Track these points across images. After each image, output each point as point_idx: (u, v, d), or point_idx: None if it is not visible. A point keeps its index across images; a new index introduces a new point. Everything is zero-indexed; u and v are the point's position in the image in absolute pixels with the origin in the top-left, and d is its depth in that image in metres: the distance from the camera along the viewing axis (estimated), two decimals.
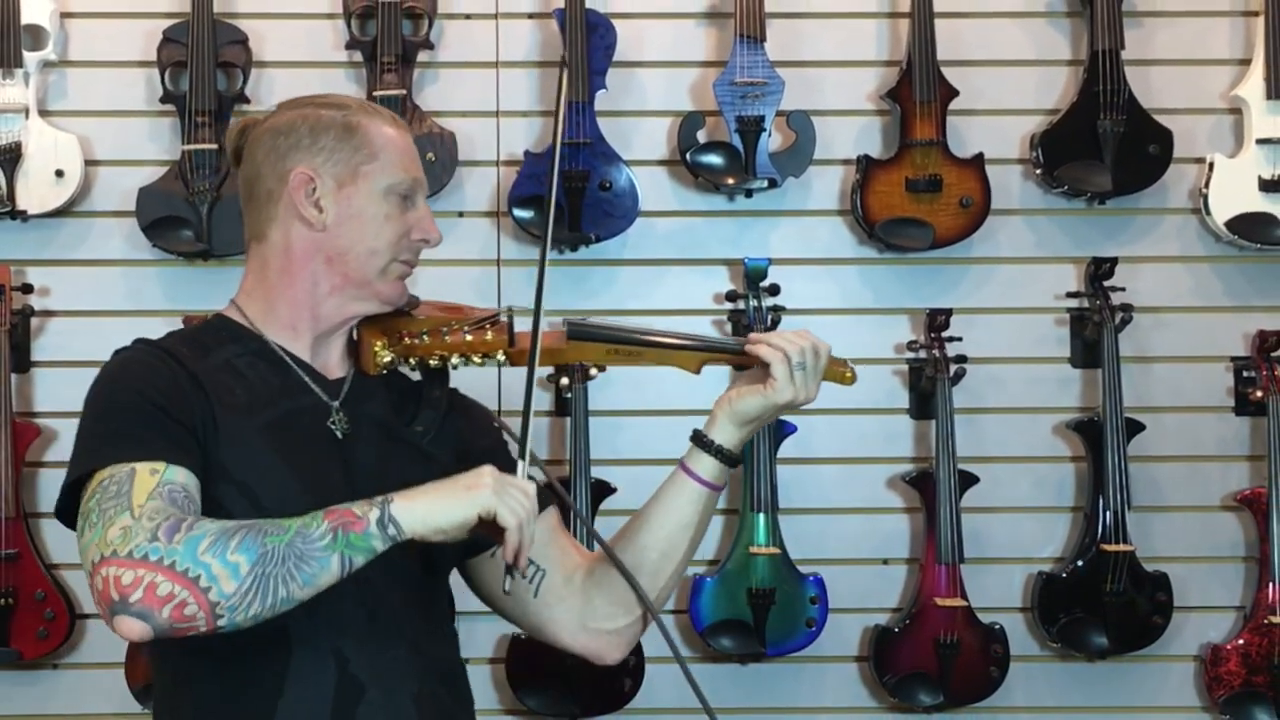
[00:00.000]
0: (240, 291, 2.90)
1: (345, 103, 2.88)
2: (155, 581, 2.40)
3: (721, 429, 2.90)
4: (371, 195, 2.80)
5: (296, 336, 2.83)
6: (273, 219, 2.83)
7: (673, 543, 2.93)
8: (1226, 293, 5.12)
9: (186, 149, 4.86)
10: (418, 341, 2.82)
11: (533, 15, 5.09)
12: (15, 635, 4.77)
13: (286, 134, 2.82)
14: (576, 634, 2.98)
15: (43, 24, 4.93)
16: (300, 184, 2.79)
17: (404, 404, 2.90)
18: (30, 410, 4.94)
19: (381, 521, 2.47)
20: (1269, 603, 4.89)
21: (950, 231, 4.97)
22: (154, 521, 2.45)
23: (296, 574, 2.44)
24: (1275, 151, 4.99)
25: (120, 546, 2.44)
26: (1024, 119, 5.11)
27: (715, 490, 2.93)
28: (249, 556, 2.42)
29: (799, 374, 2.83)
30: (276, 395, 2.77)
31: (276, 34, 5.06)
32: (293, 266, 2.82)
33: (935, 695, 4.89)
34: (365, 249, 2.79)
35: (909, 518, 5.06)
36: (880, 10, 5.14)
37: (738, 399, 2.88)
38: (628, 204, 4.92)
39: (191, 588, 2.40)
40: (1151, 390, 5.07)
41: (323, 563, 2.45)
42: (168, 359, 2.74)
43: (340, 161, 2.80)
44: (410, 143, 2.89)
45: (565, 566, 2.96)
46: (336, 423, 2.80)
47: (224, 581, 2.41)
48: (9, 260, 4.92)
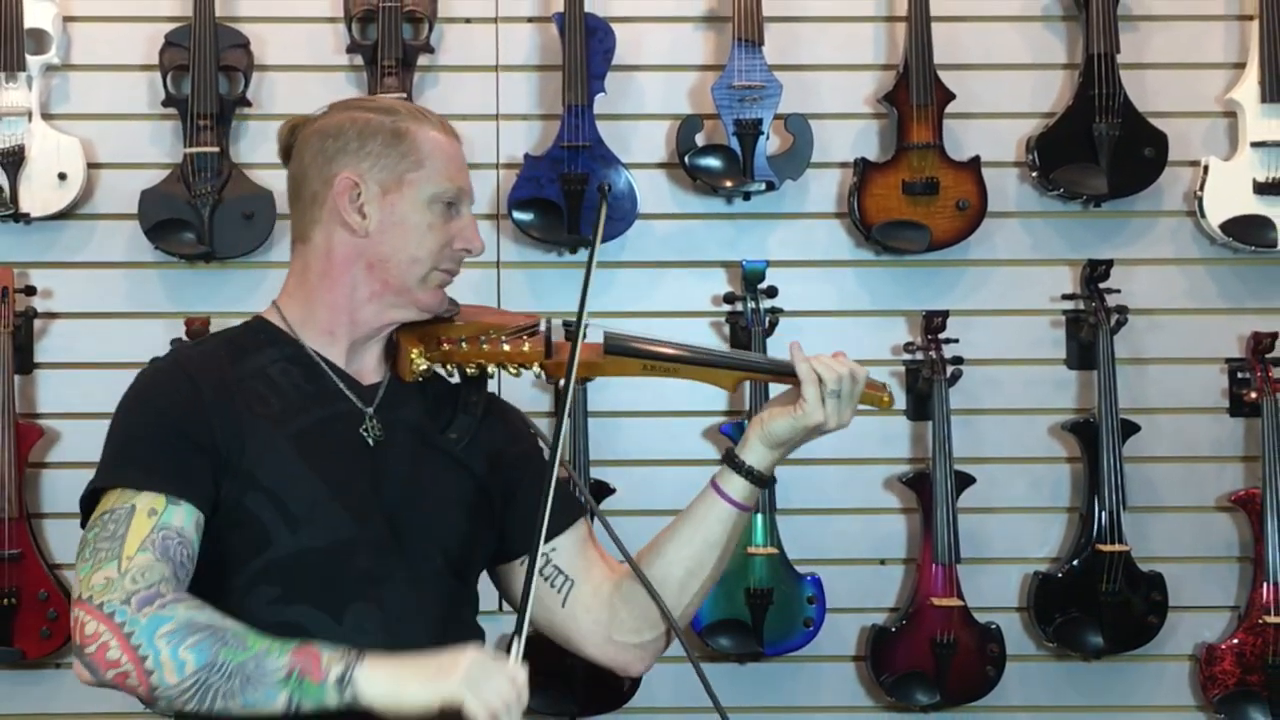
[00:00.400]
0: (282, 293, 2.90)
1: (395, 107, 2.87)
2: (109, 644, 2.47)
3: (753, 450, 2.89)
4: (416, 203, 2.79)
5: (333, 341, 2.83)
6: (316, 221, 2.83)
7: (700, 560, 2.92)
8: (1221, 295, 5.12)
9: (188, 152, 4.87)
10: (456, 348, 2.81)
11: (532, 19, 5.10)
12: (18, 635, 4.78)
13: (335, 136, 2.82)
14: (603, 646, 2.98)
15: (45, 28, 4.93)
16: (345, 189, 2.79)
17: (440, 409, 2.89)
18: (33, 411, 4.95)
19: (341, 681, 2.44)
20: (1263, 603, 4.90)
21: (947, 234, 4.98)
22: (135, 586, 2.50)
23: (239, 694, 2.44)
24: (1269, 154, 5.00)
25: (97, 595, 2.51)
26: (1020, 122, 5.12)
27: (745, 510, 2.92)
28: (197, 659, 2.45)
29: (831, 400, 2.81)
30: (309, 403, 2.78)
31: (278, 38, 5.07)
32: (333, 271, 2.82)
33: (932, 694, 4.89)
34: (407, 257, 2.79)
35: (906, 518, 5.06)
36: (877, 14, 5.14)
37: (769, 420, 2.87)
38: (626, 206, 4.92)
39: (137, 666, 2.46)
40: (1146, 392, 5.08)
41: (269, 694, 2.45)
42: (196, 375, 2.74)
43: (386, 168, 2.79)
44: (459, 150, 2.88)
45: (593, 578, 2.96)
46: (369, 430, 2.80)
47: (167, 672, 2.45)
48: (12, 263, 4.92)
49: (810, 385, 2.80)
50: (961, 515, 4.89)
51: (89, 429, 4.87)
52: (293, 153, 2.89)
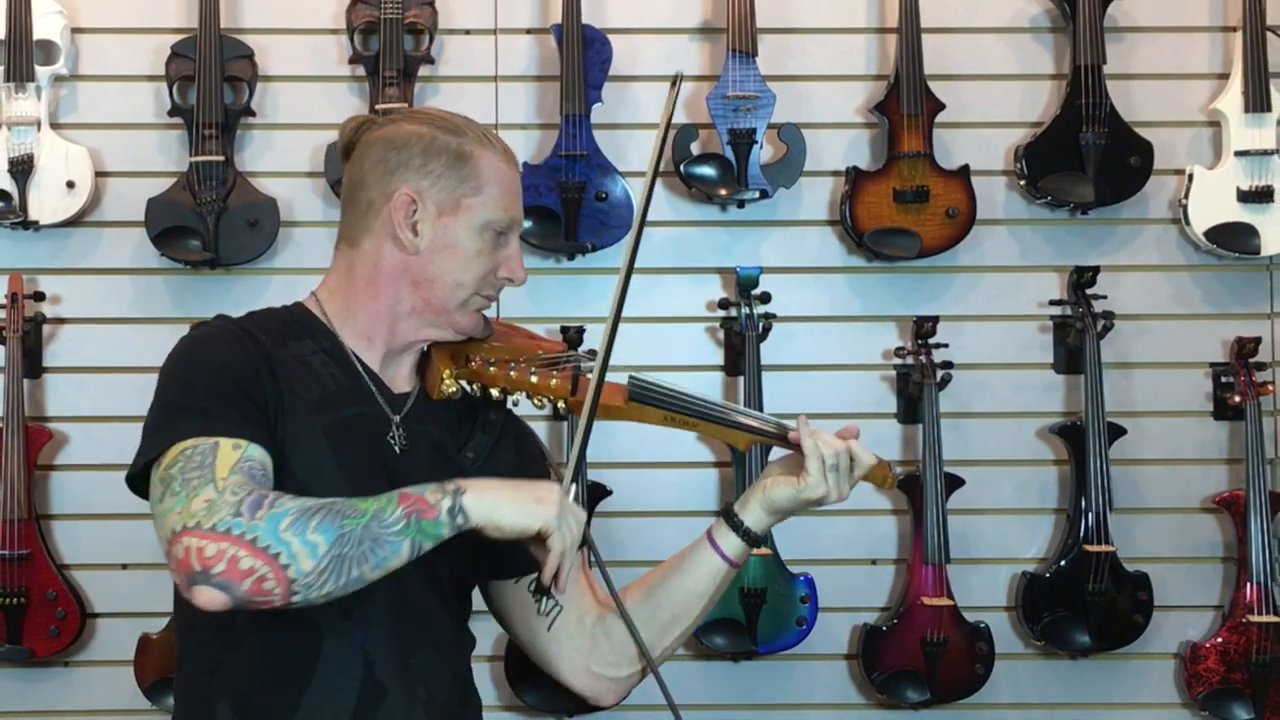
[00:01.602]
0: (322, 286, 2.90)
1: (463, 128, 2.84)
2: (238, 556, 2.43)
3: (752, 512, 2.92)
4: (469, 228, 2.78)
5: (370, 346, 2.83)
6: (368, 229, 2.82)
7: (686, 608, 2.95)
8: (1205, 301, 5.13)
9: (194, 161, 4.88)
10: (484, 369, 2.81)
11: (530, 31, 5.11)
12: (27, 634, 4.79)
13: (400, 149, 2.80)
14: (580, 674, 2.99)
15: (54, 39, 4.94)
16: (402, 205, 2.77)
17: (461, 424, 2.88)
18: (42, 415, 4.96)
19: (453, 510, 2.50)
20: (1246, 602, 4.91)
21: (937, 241, 4.98)
22: (237, 496, 2.48)
23: (370, 556, 2.47)
24: (1253, 163, 5.00)
25: (204, 519, 2.46)
26: (1008, 131, 5.13)
27: (735, 567, 2.94)
28: (327, 537, 2.45)
29: (831, 475, 2.84)
30: (345, 398, 2.78)
31: (281, 49, 5.07)
32: (379, 280, 2.81)
33: (922, 692, 4.90)
34: (452, 280, 2.78)
35: (897, 519, 5.07)
36: (869, 26, 5.15)
37: (772, 487, 2.90)
38: (623, 214, 4.93)
39: (272, 564, 2.43)
40: (1132, 395, 5.09)
41: (395, 547, 2.49)
42: (247, 340, 2.74)
43: (446, 189, 2.78)
44: (517, 180, 2.88)
45: (580, 606, 2.97)
46: (395, 438, 2.80)
47: (303, 560, 2.44)
48: (21, 269, 4.93)
49: (814, 460, 2.83)
50: (951, 516, 4.90)
51: (97, 432, 4.92)
52: (353, 154, 2.87)
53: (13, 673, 4.91)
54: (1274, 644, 4.88)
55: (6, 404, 4.80)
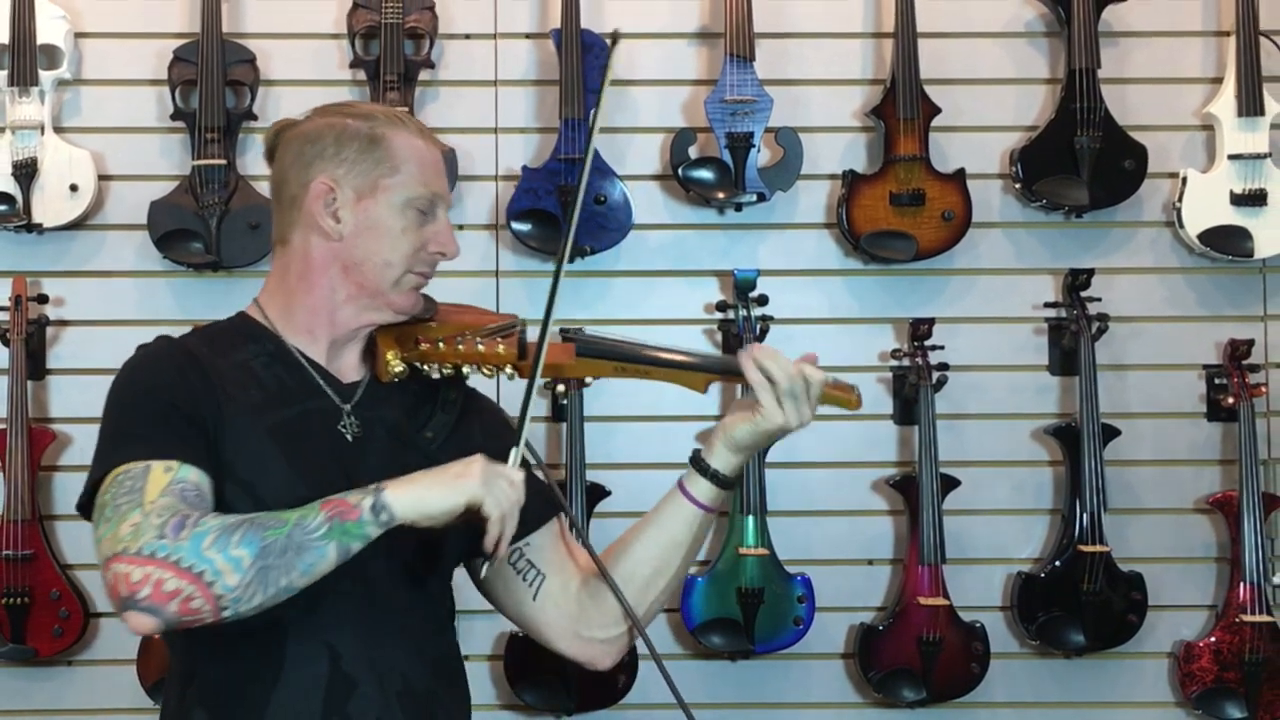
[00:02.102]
0: (263, 291, 2.89)
1: (374, 113, 2.85)
2: (162, 579, 2.43)
3: (718, 454, 2.87)
4: (390, 208, 2.78)
5: (314, 340, 2.82)
6: (295, 224, 2.82)
7: (665, 560, 2.91)
8: (1199, 303, 5.14)
9: (196, 164, 4.89)
10: (433, 348, 2.81)
11: (530, 35, 5.12)
12: (31, 633, 4.80)
13: (314, 141, 2.81)
14: (570, 640, 2.96)
15: (58, 44, 4.95)
16: (320, 194, 2.78)
17: (420, 405, 2.87)
18: (46, 416, 4.96)
19: (375, 508, 2.49)
20: (1240, 602, 4.92)
21: (933, 244, 4.99)
22: (162, 519, 2.48)
23: (296, 564, 2.47)
24: (1246, 167, 5.01)
25: (130, 543, 2.46)
26: (1004, 135, 5.13)
27: (709, 512, 2.91)
28: (250, 550, 2.44)
29: (788, 401, 2.80)
30: (290, 397, 2.77)
31: (283, 53, 5.08)
32: (311, 273, 2.81)
33: (918, 691, 4.90)
34: (380, 260, 2.78)
35: (893, 520, 5.08)
36: (865, 30, 5.16)
37: (731, 425, 2.86)
38: (622, 217, 4.94)
39: (197, 582, 2.43)
40: (1127, 397, 5.09)
41: (320, 552, 2.48)
42: (182, 358, 2.75)
43: (361, 173, 2.78)
44: (437, 155, 2.86)
45: (564, 573, 2.95)
46: (347, 426, 2.79)
47: (227, 576, 2.44)
48: (25, 272, 4.93)
49: (764, 390, 2.79)
50: (947, 517, 4.91)
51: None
52: (275, 155, 2.88)
53: (16, 672, 4.92)
54: (1267, 643, 4.89)
55: (10, 405, 4.80)
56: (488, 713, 4.98)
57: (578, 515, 4.81)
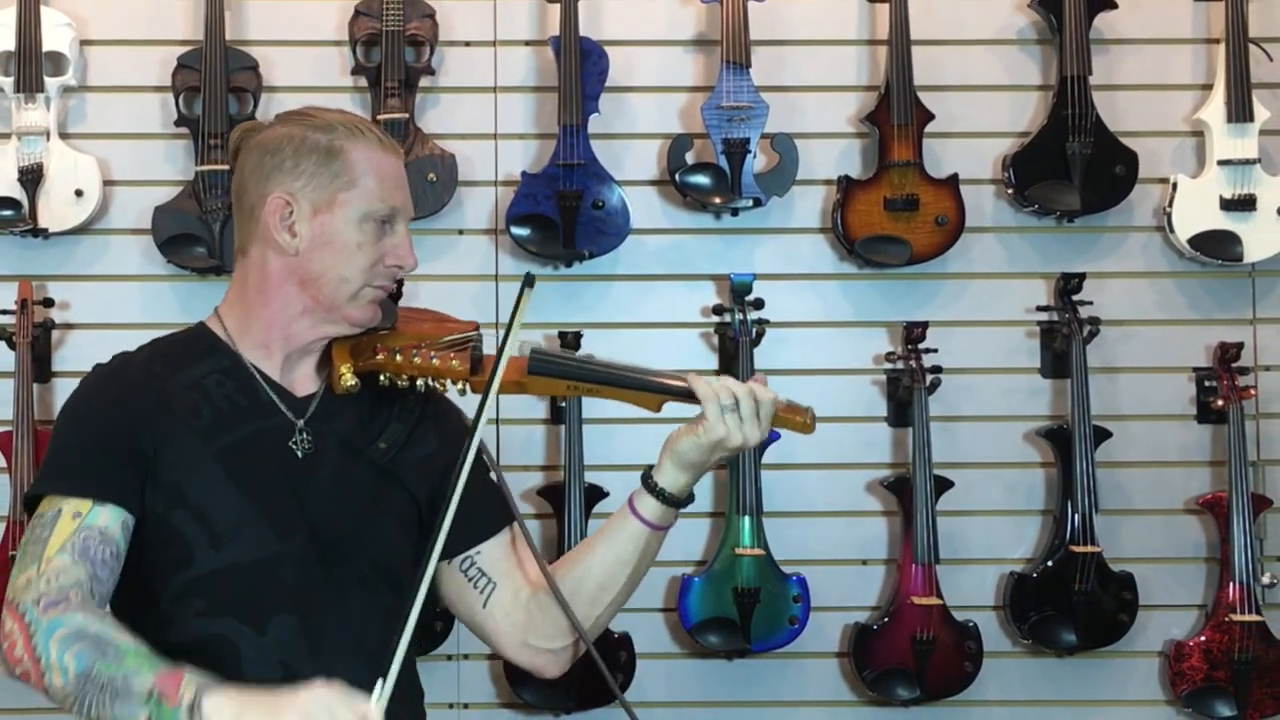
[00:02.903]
0: (224, 301, 2.88)
1: (334, 124, 2.80)
2: (16, 642, 2.53)
3: (665, 471, 2.85)
4: (347, 222, 2.75)
5: (269, 354, 2.81)
6: (252, 236, 2.80)
7: (611, 575, 2.88)
8: (1189, 307, 5.14)
9: (200, 170, 4.89)
10: (389, 358, 2.77)
11: (529, 43, 5.12)
12: None
13: (273, 153, 2.77)
14: (518, 648, 2.95)
15: (63, 51, 4.96)
16: (276, 208, 2.75)
17: (376, 414, 2.85)
18: (50, 418, 4.95)
19: (191, 707, 2.40)
20: (1229, 601, 4.92)
21: (926, 248, 4.99)
22: (46, 587, 2.54)
23: (109, 706, 2.45)
24: (1236, 172, 5.01)
25: (18, 595, 2.56)
26: (996, 141, 5.14)
27: (656, 530, 2.87)
28: (77, 666, 2.48)
29: (730, 415, 2.76)
30: (241, 417, 2.75)
31: (285, 60, 5.08)
32: (268, 286, 2.79)
33: (912, 689, 4.91)
34: (336, 275, 2.75)
35: (887, 520, 5.08)
36: (859, 38, 5.16)
37: (676, 440, 2.83)
38: (619, 222, 4.94)
39: (35, 665, 2.50)
40: (1118, 399, 5.10)
41: (133, 710, 2.44)
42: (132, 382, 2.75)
43: (319, 187, 2.75)
44: (397, 168, 2.83)
45: (514, 582, 2.93)
46: (299, 442, 2.77)
47: (54, 675, 2.48)
48: (31, 276, 4.94)
49: (710, 404, 2.76)
50: (940, 518, 4.91)
51: None
52: (236, 162, 2.85)
53: None
54: (1256, 642, 4.90)
55: (16, 408, 4.81)
56: (487, 711, 4.99)
57: (576, 516, 4.82)
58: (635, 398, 2.86)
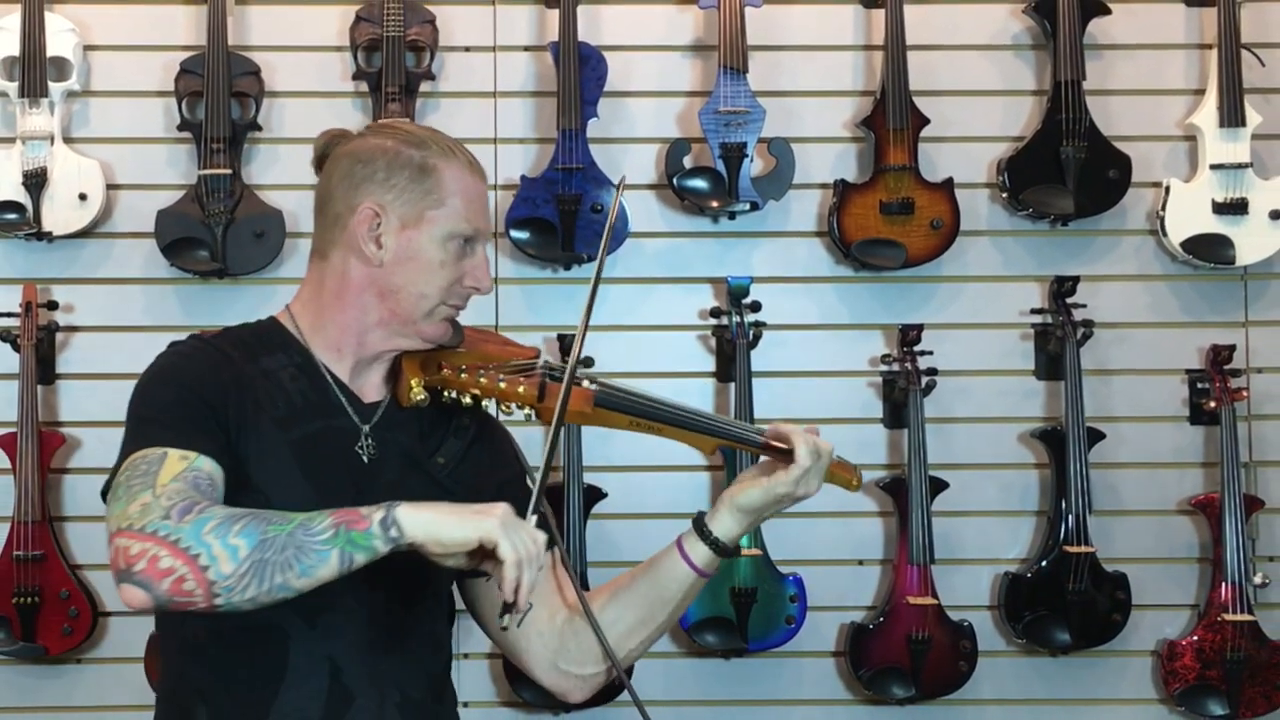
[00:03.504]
0: (296, 299, 2.88)
1: (428, 141, 2.81)
2: (159, 555, 2.41)
3: (721, 521, 2.83)
4: (432, 239, 2.75)
5: (340, 357, 2.82)
6: (336, 242, 2.80)
7: (652, 613, 2.88)
8: (1182, 309, 5.15)
9: (202, 174, 4.90)
10: (455, 375, 2.78)
11: (528, 48, 5.13)
12: (41, 631, 4.81)
13: (366, 163, 2.78)
14: (548, 670, 2.94)
15: (67, 56, 4.97)
16: (365, 219, 2.75)
17: (434, 430, 2.86)
18: (55, 420, 4.97)
19: (385, 522, 2.42)
20: (1221, 601, 4.93)
21: (922, 252, 5.00)
22: (171, 502, 2.47)
23: (295, 563, 2.41)
24: (1228, 176, 5.02)
25: (136, 520, 2.46)
26: (991, 145, 5.15)
27: (704, 577, 2.86)
28: (249, 541, 2.40)
29: (804, 474, 2.77)
30: (312, 412, 2.76)
31: (287, 65, 5.09)
32: (346, 293, 2.79)
33: (907, 688, 4.91)
34: (416, 291, 2.76)
35: (883, 521, 5.09)
36: (855, 43, 5.17)
37: (739, 492, 2.82)
38: (619, 225, 4.94)
39: (191, 565, 2.40)
40: (1111, 401, 5.10)
41: (322, 555, 2.42)
42: (217, 356, 2.75)
43: (409, 202, 2.75)
44: (483, 190, 2.84)
45: (551, 605, 2.91)
46: (364, 447, 2.78)
47: (223, 563, 2.40)
48: (35, 279, 4.95)
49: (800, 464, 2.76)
50: (935, 518, 4.92)
51: (108, 437, 4.87)
52: (324, 168, 2.86)
53: (27, 669, 4.94)
54: (1248, 642, 4.91)
55: (21, 409, 4.82)
56: (487, 709, 4.99)
57: (575, 517, 4.83)
58: (695, 440, 2.87)
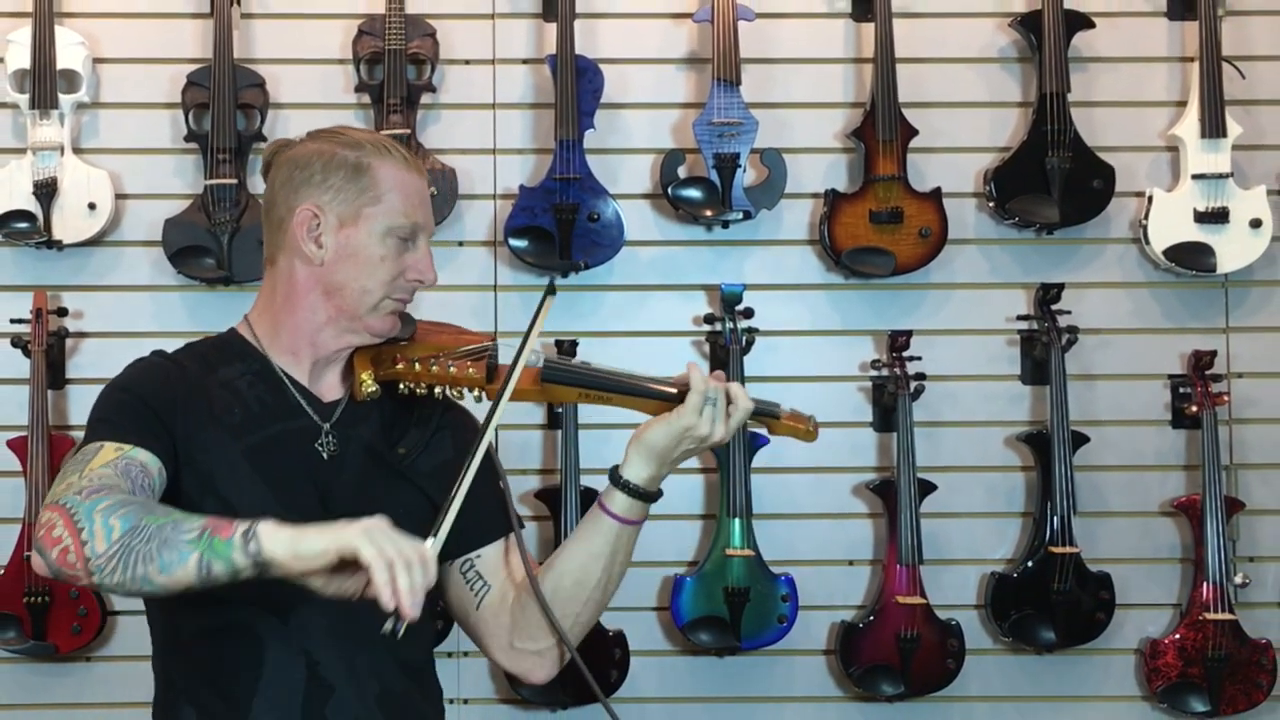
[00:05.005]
0: (253, 309, 2.93)
1: (362, 141, 2.85)
2: (55, 524, 2.45)
3: (631, 464, 2.85)
4: (371, 235, 2.79)
5: (298, 360, 2.85)
6: (281, 247, 2.85)
7: (586, 570, 2.88)
8: (1164, 316, 5.15)
9: (209, 184, 4.91)
10: (408, 368, 2.82)
11: (526, 61, 5.14)
12: (51, 630, 4.82)
13: (303, 167, 2.82)
14: (505, 650, 2.96)
15: (77, 68, 4.98)
16: (304, 220, 2.80)
17: (396, 421, 2.89)
18: (65, 424, 4.98)
19: (246, 534, 2.37)
20: (1203, 601, 4.93)
21: (910, 259, 5.01)
22: (88, 483, 2.50)
23: (158, 556, 2.38)
24: (1209, 186, 5.03)
25: (57, 496, 2.50)
26: (978, 156, 5.16)
27: (626, 524, 2.86)
28: (124, 525, 2.40)
29: (708, 408, 2.78)
30: (269, 417, 2.79)
31: (291, 78, 5.10)
32: (295, 295, 2.83)
33: (897, 685, 4.92)
34: (359, 287, 2.79)
35: (872, 522, 5.09)
36: (846, 56, 5.18)
37: (645, 430, 2.85)
38: (614, 234, 4.96)
39: (75, 538, 2.41)
40: (1095, 405, 5.11)
41: (182, 555, 2.37)
42: (170, 371, 2.79)
43: (345, 201, 2.79)
44: (421, 185, 2.86)
45: (504, 587, 2.94)
46: (324, 444, 2.81)
47: (98, 540, 2.40)
48: (46, 286, 4.96)
49: (695, 393, 2.78)
50: (924, 520, 4.92)
51: None
52: (268, 175, 2.90)
53: (37, 667, 4.95)
54: (1229, 640, 4.92)
55: (31, 413, 4.83)
56: (486, 706, 5.00)
57: (573, 519, 4.83)
58: (640, 404, 2.89)
